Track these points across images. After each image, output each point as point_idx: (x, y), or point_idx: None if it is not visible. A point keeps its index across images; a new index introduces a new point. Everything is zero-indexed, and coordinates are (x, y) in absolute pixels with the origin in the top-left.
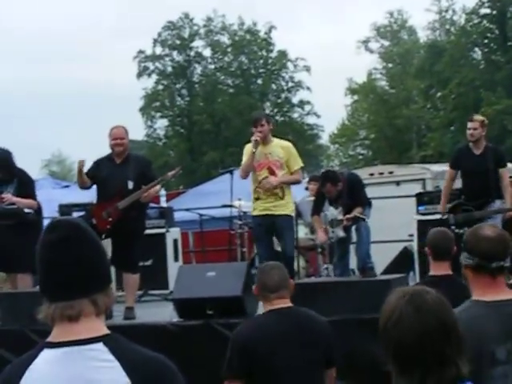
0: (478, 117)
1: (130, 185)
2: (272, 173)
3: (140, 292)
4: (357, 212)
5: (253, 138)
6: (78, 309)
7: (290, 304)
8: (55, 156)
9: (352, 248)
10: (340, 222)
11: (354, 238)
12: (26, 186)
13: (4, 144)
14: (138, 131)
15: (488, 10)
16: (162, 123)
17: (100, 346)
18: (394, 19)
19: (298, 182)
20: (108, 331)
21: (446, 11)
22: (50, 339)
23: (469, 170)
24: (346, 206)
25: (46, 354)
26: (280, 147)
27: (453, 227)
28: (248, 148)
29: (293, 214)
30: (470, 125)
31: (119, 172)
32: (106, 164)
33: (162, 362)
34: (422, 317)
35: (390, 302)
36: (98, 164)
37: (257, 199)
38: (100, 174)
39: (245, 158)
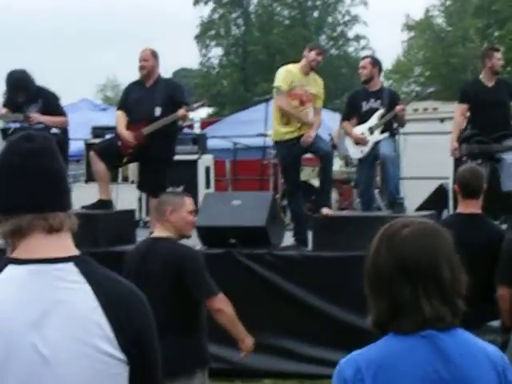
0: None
1: (157, 111)
2: (302, 104)
3: None
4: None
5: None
6: (59, 220)
7: None
8: (110, 81)
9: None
10: (380, 124)
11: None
12: (51, 104)
13: (61, 67)
14: (192, 59)
15: None
16: (216, 52)
17: (70, 266)
18: None
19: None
20: (78, 252)
21: None
22: (15, 255)
23: (484, 101)
24: (386, 103)
25: (11, 271)
26: (314, 81)
27: (464, 158)
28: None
29: None
30: (499, 55)
31: (147, 96)
32: (136, 88)
33: (132, 290)
34: (390, 250)
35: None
36: (127, 90)
37: (285, 125)
38: (129, 98)
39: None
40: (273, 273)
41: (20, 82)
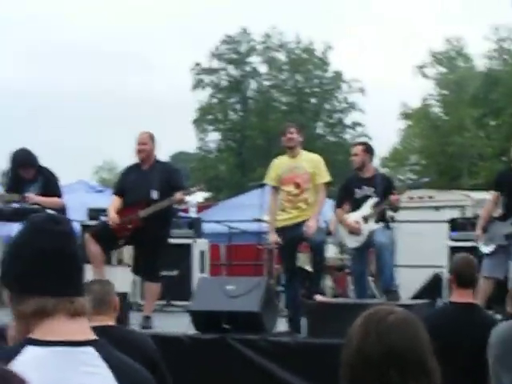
0: None
1: (154, 194)
2: (298, 187)
3: (163, 302)
4: (395, 197)
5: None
6: (82, 305)
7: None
8: (106, 163)
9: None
10: (374, 214)
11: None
12: (50, 185)
13: (59, 147)
14: (190, 143)
15: None
16: (214, 136)
17: (92, 350)
18: (452, 46)
19: (323, 199)
20: (95, 336)
21: (505, 41)
22: (35, 336)
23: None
24: (380, 190)
25: (32, 352)
26: (307, 160)
27: (482, 247)
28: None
29: None
30: None
31: (144, 179)
32: (133, 170)
33: (147, 374)
34: (368, 339)
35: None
36: (123, 174)
37: (281, 211)
38: (126, 181)
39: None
40: (266, 359)
41: (23, 161)
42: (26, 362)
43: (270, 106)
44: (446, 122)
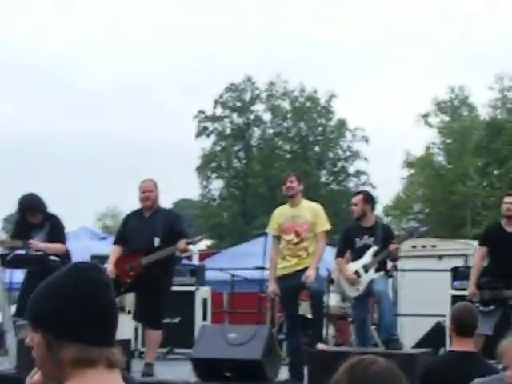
0: None
1: (156, 242)
2: (298, 235)
3: (165, 349)
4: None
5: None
6: (119, 357)
7: None
8: (109, 209)
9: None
10: (374, 263)
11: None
12: (56, 231)
13: (62, 193)
14: (193, 191)
15: None
16: (217, 184)
17: None
18: (455, 95)
19: (323, 248)
20: None
21: (508, 90)
22: None
23: (499, 247)
24: (379, 239)
25: None
26: (308, 209)
27: (477, 305)
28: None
29: None
30: (508, 199)
31: (147, 226)
32: (135, 217)
33: None
34: None
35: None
36: (125, 221)
37: (282, 259)
38: (127, 228)
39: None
40: None
41: (31, 206)
42: None
43: (273, 154)
44: (450, 171)
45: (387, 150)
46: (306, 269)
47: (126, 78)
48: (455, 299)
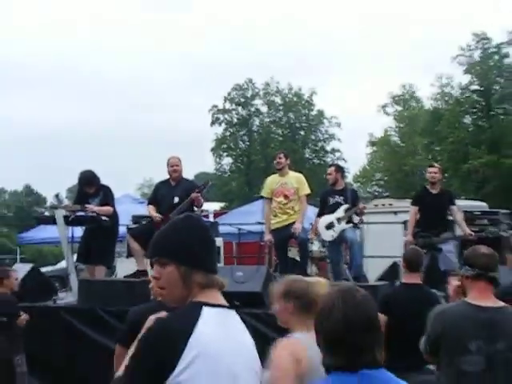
0: (437, 164)
1: (176, 200)
2: (286, 198)
3: None
4: (362, 205)
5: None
6: (223, 282)
7: None
8: (146, 180)
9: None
10: (345, 216)
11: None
12: (107, 198)
13: (113, 167)
14: (209, 166)
15: (477, 87)
16: (227, 161)
17: (234, 312)
18: (406, 90)
19: (306, 207)
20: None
21: (446, 86)
22: (204, 300)
23: (428, 205)
24: (349, 199)
25: (209, 312)
26: (293, 178)
27: None
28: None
29: None
30: (431, 170)
31: (172, 192)
32: (164, 186)
33: None
34: (348, 310)
35: (326, 296)
36: (157, 188)
37: (274, 216)
38: (159, 194)
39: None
40: (269, 329)
41: (88, 180)
42: (210, 317)
43: (269, 138)
44: (403, 148)
45: (356, 133)
46: (293, 223)
47: (155, 81)
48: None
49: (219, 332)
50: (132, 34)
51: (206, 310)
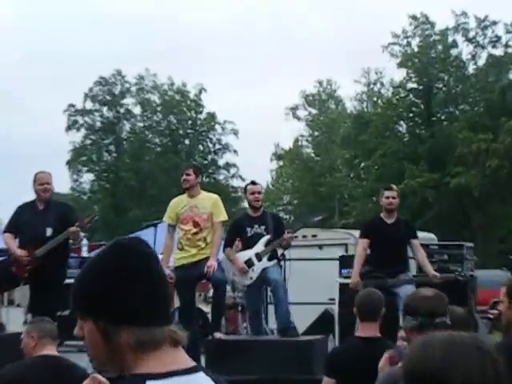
0: (395, 187)
1: (49, 232)
2: (197, 225)
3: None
4: (289, 235)
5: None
6: (181, 334)
7: None
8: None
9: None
10: (267, 251)
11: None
12: None
13: None
14: (63, 184)
15: (415, 85)
16: (87, 177)
17: (202, 374)
18: (323, 88)
19: (220, 237)
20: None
21: (375, 84)
22: (147, 370)
23: (382, 238)
24: (271, 229)
25: None
26: (207, 199)
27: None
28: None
29: None
30: (388, 193)
31: (40, 218)
32: (28, 209)
33: None
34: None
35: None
36: (19, 212)
37: (180, 250)
38: (21, 219)
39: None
40: None
41: None
42: None
43: (143, 147)
44: (318, 163)
45: (257, 143)
46: (205, 259)
47: None
48: (343, 287)
49: None
50: None
51: None
